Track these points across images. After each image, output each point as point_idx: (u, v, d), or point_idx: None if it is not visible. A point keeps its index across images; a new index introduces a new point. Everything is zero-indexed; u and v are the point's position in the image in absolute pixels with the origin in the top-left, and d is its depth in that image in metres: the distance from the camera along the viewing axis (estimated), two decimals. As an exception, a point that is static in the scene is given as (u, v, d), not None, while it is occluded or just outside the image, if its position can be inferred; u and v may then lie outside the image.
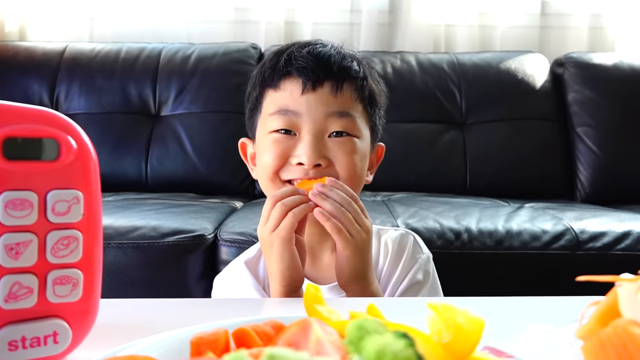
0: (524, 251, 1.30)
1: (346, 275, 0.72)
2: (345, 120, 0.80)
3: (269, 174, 0.80)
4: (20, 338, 0.42)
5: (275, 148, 0.79)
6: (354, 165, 0.80)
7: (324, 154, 0.78)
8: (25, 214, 0.42)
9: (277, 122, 0.80)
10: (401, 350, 0.26)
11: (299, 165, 0.78)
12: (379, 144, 0.91)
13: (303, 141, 0.78)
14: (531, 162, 2.04)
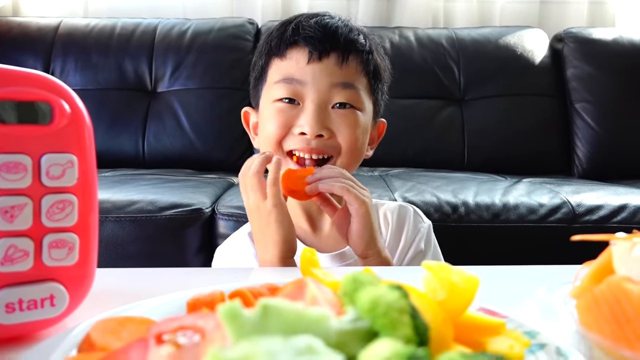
0: (520, 224, 1.31)
1: (366, 239, 0.72)
2: (349, 92, 0.80)
3: (272, 144, 0.80)
4: (17, 300, 0.42)
5: (279, 117, 0.80)
6: (356, 138, 0.80)
7: (326, 125, 0.78)
8: (19, 177, 0.42)
9: (282, 90, 0.80)
10: (395, 301, 0.26)
11: (301, 135, 0.78)
12: (381, 120, 0.91)
13: (306, 111, 0.78)
14: (529, 137, 2.04)
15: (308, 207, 0.85)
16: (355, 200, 0.71)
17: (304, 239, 0.85)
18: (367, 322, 0.26)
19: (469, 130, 2.03)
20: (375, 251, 0.72)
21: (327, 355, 0.23)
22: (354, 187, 0.72)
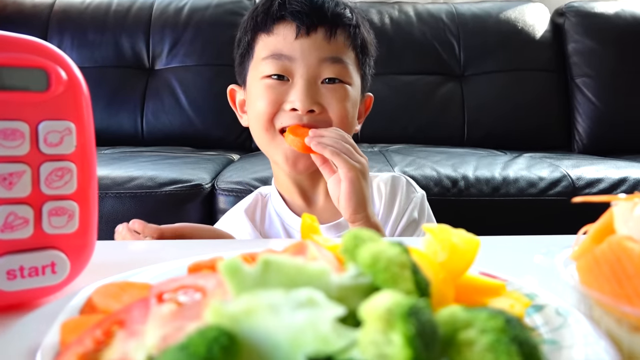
0: (520, 198, 1.31)
1: (353, 203, 0.72)
2: (338, 67, 0.80)
3: (263, 122, 0.80)
4: (19, 268, 0.42)
5: (268, 94, 0.79)
6: (346, 112, 0.81)
7: (317, 100, 0.79)
8: (16, 144, 0.42)
9: (270, 66, 0.80)
10: (396, 256, 0.26)
11: (292, 111, 0.78)
12: (368, 94, 0.92)
13: (296, 87, 0.78)
14: (529, 113, 2.03)
15: (300, 182, 0.86)
16: (344, 165, 0.71)
17: (299, 213, 0.86)
18: (368, 277, 0.26)
19: (469, 106, 2.02)
20: (364, 216, 0.72)
21: (328, 307, 0.23)
22: (349, 152, 0.72)
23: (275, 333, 0.22)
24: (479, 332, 0.23)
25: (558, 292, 0.39)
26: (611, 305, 0.31)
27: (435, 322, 0.22)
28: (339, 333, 0.22)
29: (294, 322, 0.22)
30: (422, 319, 0.21)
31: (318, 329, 0.22)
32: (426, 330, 0.21)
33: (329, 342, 0.22)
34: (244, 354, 0.22)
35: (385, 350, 0.21)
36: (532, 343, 0.24)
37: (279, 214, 0.87)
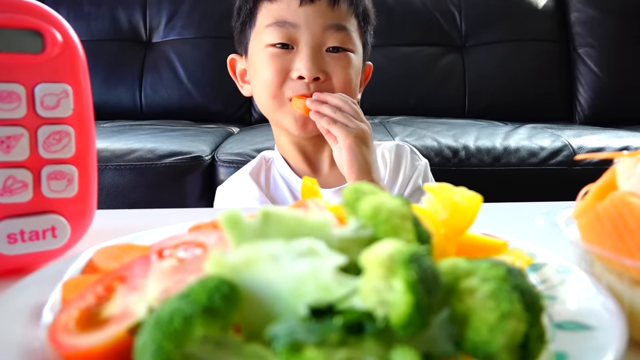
0: (521, 167, 1.30)
1: (355, 169, 0.72)
2: (341, 34, 0.79)
3: (272, 92, 0.79)
4: (19, 231, 0.42)
5: (274, 63, 0.79)
6: (350, 80, 0.81)
7: (322, 67, 0.78)
8: (13, 107, 0.41)
9: (274, 34, 0.79)
10: (397, 208, 0.25)
11: (299, 79, 0.78)
12: (368, 63, 0.91)
13: (302, 54, 0.78)
14: (530, 84, 2.01)
15: (304, 148, 0.86)
16: (340, 132, 0.72)
17: None
18: (369, 230, 0.26)
19: (470, 77, 2.01)
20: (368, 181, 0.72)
21: (329, 256, 0.23)
22: (348, 119, 0.73)
23: (276, 283, 0.22)
24: (481, 281, 0.23)
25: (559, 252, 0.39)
26: (613, 259, 0.31)
27: (437, 269, 0.22)
28: (340, 281, 0.22)
29: (294, 271, 0.22)
30: (424, 265, 0.21)
31: (319, 277, 0.22)
32: (428, 277, 0.21)
33: (330, 291, 0.22)
34: (245, 304, 0.22)
35: (386, 296, 0.21)
36: (534, 292, 0.24)
37: (284, 177, 0.87)
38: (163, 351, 0.20)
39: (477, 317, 0.22)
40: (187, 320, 0.20)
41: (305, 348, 0.19)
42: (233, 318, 0.22)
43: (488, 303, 0.22)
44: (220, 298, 0.21)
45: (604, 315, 0.28)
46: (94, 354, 0.23)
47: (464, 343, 0.23)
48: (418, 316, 0.20)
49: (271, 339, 0.20)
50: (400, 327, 0.20)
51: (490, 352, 0.22)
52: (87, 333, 0.24)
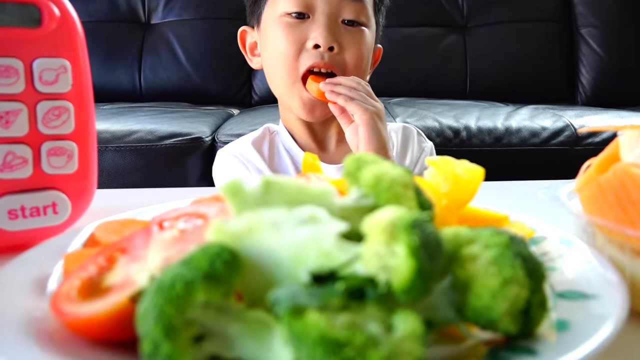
0: (522, 147, 1.30)
1: (373, 146, 0.73)
2: (358, 6, 0.79)
3: (287, 62, 0.79)
4: (20, 207, 0.42)
5: (290, 34, 0.78)
6: (362, 55, 0.81)
7: (337, 38, 0.78)
8: (11, 82, 0.41)
9: (291, 2, 0.78)
10: (399, 176, 0.25)
11: (315, 48, 0.77)
12: (378, 45, 0.91)
13: (318, 22, 0.78)
14: (533, 65, 2.00)
15: (311, 125, 0.85)
16: (358, 109, 0.72)
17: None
18: (371, 199, 0.26)
19: (472, 58, 1.99)
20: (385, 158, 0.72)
21: (331, 223, 0.22)
22: (363, 97, 0.73)
23: (278, 250, 0.22)
24: (483, 247, 0.23)
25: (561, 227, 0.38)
26: (615, 230, 0.31)
27: (439, 235, 0.22)
28: (342, 248, 0.22)
29: (296, 238, 0.22)
30: (426, 230, 0.21)
31: (321, 244, 0.22)
32: (430, 242, 0.21)
33: (331, 257, 0.22)
34: (247, 271, 0.22)
35: (388, 262, 0.21)
36: (536, 260, 0.24)
37: (289, 149, 0.86)
38: (165, 316, 0.20)
39: (479, 283, 0.22)
40: (189, 285, 0.20)
41: (307, 312, 0.19)
42: (235, 285, 0.22)
43: (490, 269, 0.22)
44: (222, 264, 0.21)
45: (606, 285, 0.28)
46: (95, 321, 0.23)
47: (465, 309, 0.23)
48: (420, 281, 0.20)
49: (273, 304, 0.20)
50: (402, 292, 0.20)
51: (491, 317, 0.22)
52: (88, 301, 0.24)
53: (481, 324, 0.23)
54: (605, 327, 0.24)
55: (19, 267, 0.31)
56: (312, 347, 0.18)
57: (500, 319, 0.22)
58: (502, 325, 0.22)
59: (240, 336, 0.21)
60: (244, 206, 0.24)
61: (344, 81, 0.75)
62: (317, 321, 0.19)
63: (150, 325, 0.20)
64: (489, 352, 0.23)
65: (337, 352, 0.18)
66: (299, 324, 0.19)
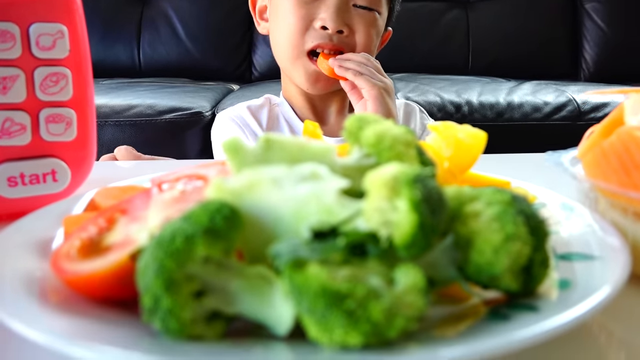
0: (524, 122, 1.29)
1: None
2: None
3: (293, 40, 0.78)
4: (19, 174, 0.42)
5: (298, 11, 0.78)
6: (371, 39, 0.80)
7: (346, 21, 0.78)
8: (8, 47, 0.40)
9: None
10: (401, 135, 0.25)
11: (322, 29, 0.77)
12: (388, 28, 0.91)
13: (328, 4, 0.77)
14: (536, 41, 1.97)
15: (311, 98, 0.85)
16: (366, 84, 0.73)
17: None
18: (373, 159, 0.25)
19: (474, 33, 1.97)
20: None
21: (332, 180, 0.22)
22: (372, 73, 0.74)
23: (278, 206, 0.22)
24: (485, 205, 0.23)
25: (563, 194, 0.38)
26: (618, 193, 0.31)
27: (442, 190, 0.21)
28: (343, 204, 0.22)
29: (297, 194, 0.22)
30: (428, 185, 0.21)
31: (322, 200, 0.21)
32: (432, 197, 0.20)
33: (333, 213, 0.21)
34: (247, 228, 0.22)
35: (390, 217, 0.20)
36: (539, 218, 0.24)
37: (289, 120, 0.86)
38: (165, 269, 0.20)
39: (481, 239, 0.22)
40: (189, 239, 0.20)
41: (308, 265, 0.19)
42: (235, 241, 0.21)
43: (492, 225, 0.22)
44: (222, 219, 0.21)
45: (608, 247, 0.28)
46: (95, 279, 0.23)
47: (467, 267, 0.23)
48: (422, 236, 0.20)
49: (273, 257, 0.20)
50: (403, 247, 0.20)
51: (493, 273, 0.22)
52: (89, 260, 0.24)
53: (483, 281, 0.23)
54: (606, 286, 0.23)
55: (19, 230, 0.31)
56: (313, 299, 0.18)
57: (502, 276, 0.22)
58: (504, 283, 0.22)
59: (241, 292, 0.21)
60: (244, 164, 0.24)
61: (353, 57, 0.75)
62: (318, 273, 0.19)
63: (151, 279, 0.20)
64: (490, 310, 0.23)
65: (338, 304, 0.18)
66: (300, 276, 0.19)
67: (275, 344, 0.20)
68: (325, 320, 0.19)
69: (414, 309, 0.19)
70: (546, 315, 0.21)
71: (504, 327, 0.21)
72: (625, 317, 0.28)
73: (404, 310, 0.19)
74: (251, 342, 0.21)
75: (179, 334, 0.20)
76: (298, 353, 0.20)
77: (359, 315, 0.18)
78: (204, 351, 0.20)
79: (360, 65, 0.74)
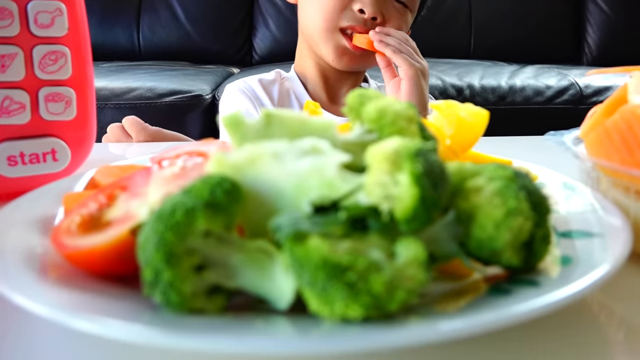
0: (526, 106, 1.29)
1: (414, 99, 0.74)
2: None
3: (330, 14, 0.79)
4: (19, 154, 0.42)
5: None
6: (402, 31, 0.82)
7: (383, 10, 0.80)
8: (6, 24, 0.40)
9: None
10: (403, 110, 0.25)
11: (359, 12, 0.79)
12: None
13: None
14: (539, 24, 1.95)
15: (326, 74, 0.85)
16: (404, 62, 0.74)
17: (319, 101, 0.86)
18: (374, 135, 0.25)
19: (477, 17, 1.95)
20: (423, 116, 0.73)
21: (333, 154, 0.22)
22: (410, 53, 0.75)
23: (279, 180, 0.22)
24: (487, 180, 0.22)
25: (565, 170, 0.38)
26: (620, 172, 0.31)
27: (443, 164, 0.21)
28: (344, 178, 0.21)
29: (298, 168, 0.22)
30: (430, 159, 0.20)
31: (323, 174, 0.21)
32: (434, 171, 0.20)
33: (334, 187, 0.21)
34: (248, 202, 0.22)
35: (391, 191, 0.20)
36: (541, 194, 0.24)
37: (299, 96, 0.86)
38: (165, 242, 0.20)
39: (482, 214, 0.22)
40: (189, 212, 0.20)
41: (309, 237, 0.19)
42: (236, 215, 0.21)
43: (494, 200, 0.22)
44: (222, 193, 0.20)
45: (609, 225, 0.28)
46: (96, 253, 0.23)
47: (468, 242, 0.23)
48: (423, 210, 0.20)
49: (274, 230, 0.20)
50: (404, 221, 0.20)
51: (495, 248, 0.22)
52: (89, 235, 0.24)
53: (484, 257, 0.23)
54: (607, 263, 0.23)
55: (19, 207, 0.31)
56: (314, 271, 0.18)
57: (503, 251, 0.22)
58: (505, 258, 0.22)
59: (242, 266, 0.21)
60: (245, 139, 0.23)
61: (395, 33, 0.76)
62: (319, 246, 0.19)
63: (151, 253, 0.20)
64: (491, 286, 0.23)
65: (339, 276, 0.18)
66: (301, 249, 0.19)
67: (276, 318, 0.20)
68: (326, 293, 0.18)
69: (414, 281, 0.19)
70: (547, 289, 0.21)
71: (504, 302, 0.21)
72: (626, 296, 0.28)
73: (404, 283, 0.19)
74: (252, 316, 0.21)
75: (180, 308, 0.20)
76: (299, 326, 0.20)
77: (359, 288, 0.18)
78: (204, 324, 0.20)
79: (400, 44, 0.75)
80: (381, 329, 0.18)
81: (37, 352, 0.22)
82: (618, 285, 0.28)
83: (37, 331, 0.24)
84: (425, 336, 0.18)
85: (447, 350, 0.22)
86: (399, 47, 0.74)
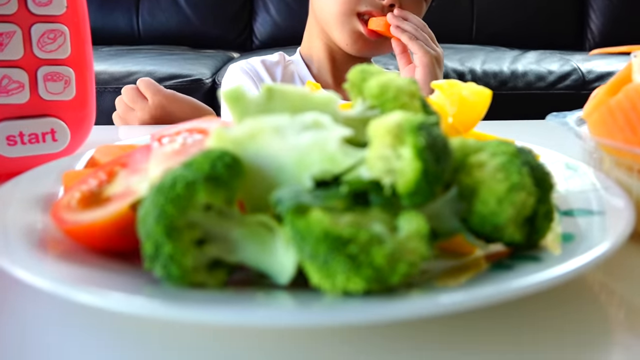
0: (528, 91, 1.28)
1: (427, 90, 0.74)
2: None
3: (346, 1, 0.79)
4: (18, 133, 0.42)
5: None
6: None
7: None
8: (4, 2, 0.40)
9: None
10: (406, 85, 0.24)
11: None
12: None
13: None
14: (541, 9, 1.94)
15: (335, 59, 0.86)
16: (419, 49, 0.74)
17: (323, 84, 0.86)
18: (376, 111, 0.25)
19: (479, 2, 1.93)
20: None
21: (335, 129, 0.22)
22: (426, 40, 0.75)
23: (281, 155, 0.22)
24: (490, 155, 0.22)
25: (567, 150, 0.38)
26: (623, 151, 0.31)
27: (446, 138, 0.21)
28: (346, 152, 0.21)
29: (299, 143, 0.21)
30: (433, 133, 0.20)
31: (325, 148, 0.21)
32: (437, 144, 0.20)
33: (335, 161, 0.21)
34: (249, 177, 0.22)
35: (393, 164, 0.20)
36: (544, 170, 0.23)
37: (304, 79, 0.86)
38: (166, 215, 0.19)
39: (485, 189, 0.21)
40: (190, 186, 0.20)
41: (311, 210, 0.19)
42: (236, 189, 0.21)
43: (497, 175, 0.21)
44: (223, 167, 0.20)
45: (612, 204, 0.28)
46: (96, 228, 0.23)
47: (471, 218, 0.22)
48: (426, 184, 0.20)
49: (275, 203, 0.19)
50: (407, 195, 0.20)
51: (497, 224, 0.22)
52: (89, 210, 0.24)
53: (486, 232, 0.23)
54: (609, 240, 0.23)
55: (19, 185, 0.31)
56: (315, 244, 0.18)
57: (505, 226, 0.22)
58: (507, 234, 0.22)
59: (243, 240, 0.21)
60: (246, 114, 0.23)
61: (412, 17, 0.77)
62: (321, 219, 0.18)
63: (152, 226, 0.20)
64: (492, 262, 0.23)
65: (340, 249, 0.18)
66: (302, 221, 0.19)
67: (277, 292, 0.20)
68: (327, 266, 0.18)
69: (416, 254, 0.19)
70: (548, 265, 0.21)
71: (505, 276, 0.20)
72: (627, 276, 0.28)
73: (406, 256, 0.19)
74: (253, 290, 0.21)
75: (180, 281, 0.20)
76: (300, 299, 0.20)
77: (361, 260, 0.18)
78: (205, 298, 0.20)
79: (416, 30, 0.75)
80: (382, 302, 0.18)
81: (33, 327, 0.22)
82: (619, 265, 0.28)
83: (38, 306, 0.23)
84: (426, 309, 0.18)
85: (448, 326, 0.22)
86: (415, 34, 0.74)
